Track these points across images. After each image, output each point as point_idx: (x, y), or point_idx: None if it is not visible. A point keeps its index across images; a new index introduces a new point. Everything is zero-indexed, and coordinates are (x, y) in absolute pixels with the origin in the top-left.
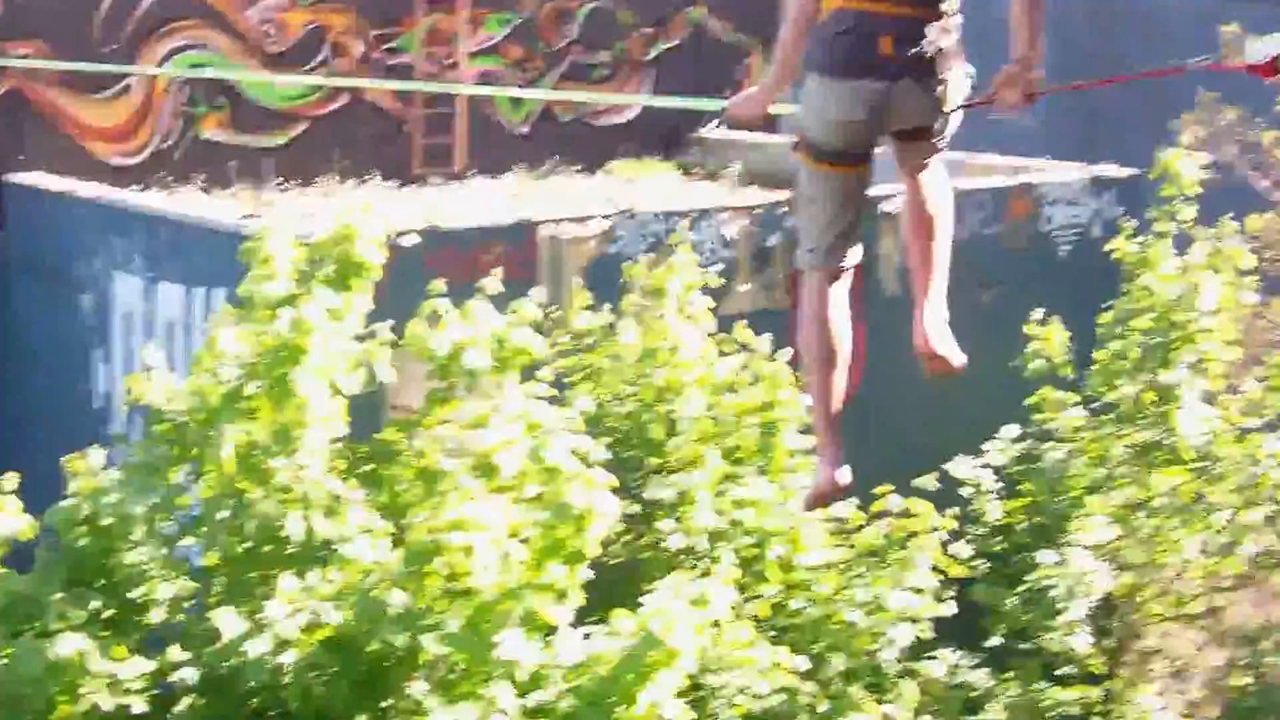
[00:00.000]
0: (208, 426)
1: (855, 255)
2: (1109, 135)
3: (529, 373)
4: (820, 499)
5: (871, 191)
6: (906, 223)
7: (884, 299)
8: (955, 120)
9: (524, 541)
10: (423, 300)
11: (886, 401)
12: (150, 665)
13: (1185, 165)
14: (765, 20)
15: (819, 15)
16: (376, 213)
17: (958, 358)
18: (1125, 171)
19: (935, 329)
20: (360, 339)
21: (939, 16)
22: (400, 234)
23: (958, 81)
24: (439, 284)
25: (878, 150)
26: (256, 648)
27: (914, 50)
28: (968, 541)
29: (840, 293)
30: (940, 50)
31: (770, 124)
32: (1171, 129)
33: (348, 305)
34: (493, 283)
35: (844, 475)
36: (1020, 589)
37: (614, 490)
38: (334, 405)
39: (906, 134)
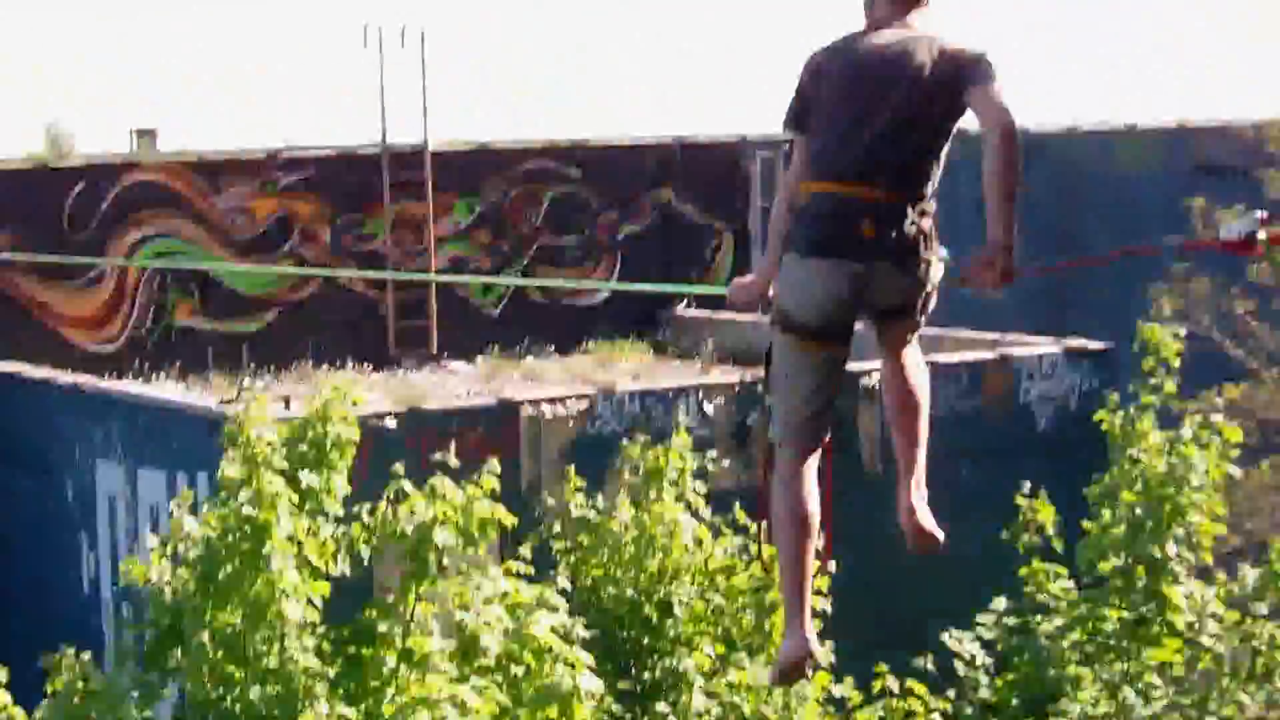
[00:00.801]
0: (186, 611)
1: (827, 432)
2: (1076, 301)
3: (512, 550)
4: (790, 670)
5: (850, 366)
6: (889, 401)
7: (864, 475)
8: (933, 299)
9: None
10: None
11: (868, 576)
12: None
13: (1165, 337)
14: (732, 201)
15: (800, 196)
16: (353, 393)
17: (941, 533)
18: (1099, 344)
19: (920, 505)
20: (341, 522)
21: (918, 199)
22: (379, 417)
23: (936, 262)
24: (399, 467)
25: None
26: None
27: (894, 232)
28: None
29: (811, 467)
30: (920, 232)
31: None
32: (1143, 298)
33: (326, 486)
34: (453, 458)
35: (814, 647)
36: None
37: (607, 672)
38: (308, 581)
39: (886, 313)
